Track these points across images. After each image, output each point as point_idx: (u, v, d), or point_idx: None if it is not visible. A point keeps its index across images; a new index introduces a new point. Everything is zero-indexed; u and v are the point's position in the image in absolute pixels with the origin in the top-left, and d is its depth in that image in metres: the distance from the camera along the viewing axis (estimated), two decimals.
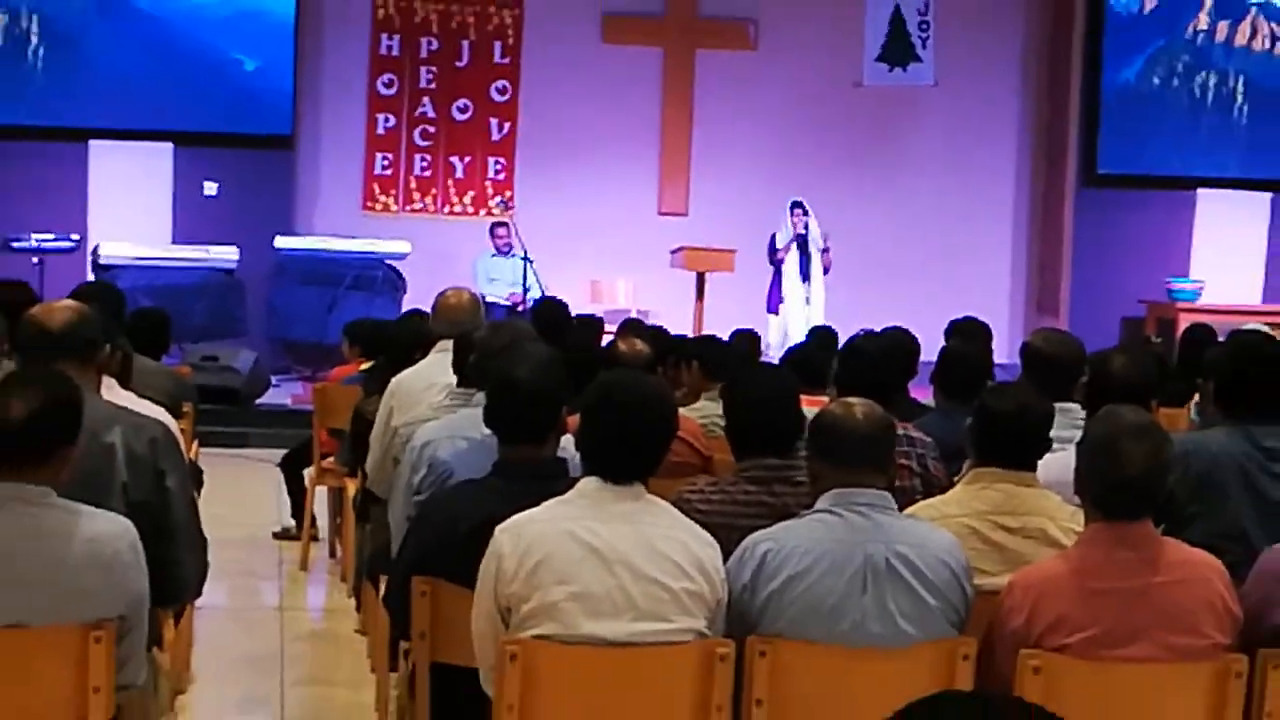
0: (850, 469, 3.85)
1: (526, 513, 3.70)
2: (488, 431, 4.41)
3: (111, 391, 4.87)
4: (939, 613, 3.78)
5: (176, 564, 4.22)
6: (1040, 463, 4.34)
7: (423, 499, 4.73)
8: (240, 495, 10.20)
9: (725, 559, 3.80)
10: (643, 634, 3.63)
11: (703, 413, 6.42)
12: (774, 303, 14.72)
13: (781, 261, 14.75)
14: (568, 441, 4.23)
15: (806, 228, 14.73)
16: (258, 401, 13.23)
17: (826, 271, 14.75)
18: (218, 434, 11.24)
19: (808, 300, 14.64)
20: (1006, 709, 1.36)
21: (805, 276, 14.72)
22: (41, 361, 4.14)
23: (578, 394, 4.13)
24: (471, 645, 3.84)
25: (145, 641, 3.90)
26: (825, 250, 14.68)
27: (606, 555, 3.61)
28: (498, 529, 3.70)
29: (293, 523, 9.36)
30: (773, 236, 14.80)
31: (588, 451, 3.75)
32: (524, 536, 3.64)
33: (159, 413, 4.79)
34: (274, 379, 13.82)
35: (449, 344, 6.04)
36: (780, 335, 14.17)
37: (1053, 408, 4.48)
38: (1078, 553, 3.79)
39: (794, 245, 14.72)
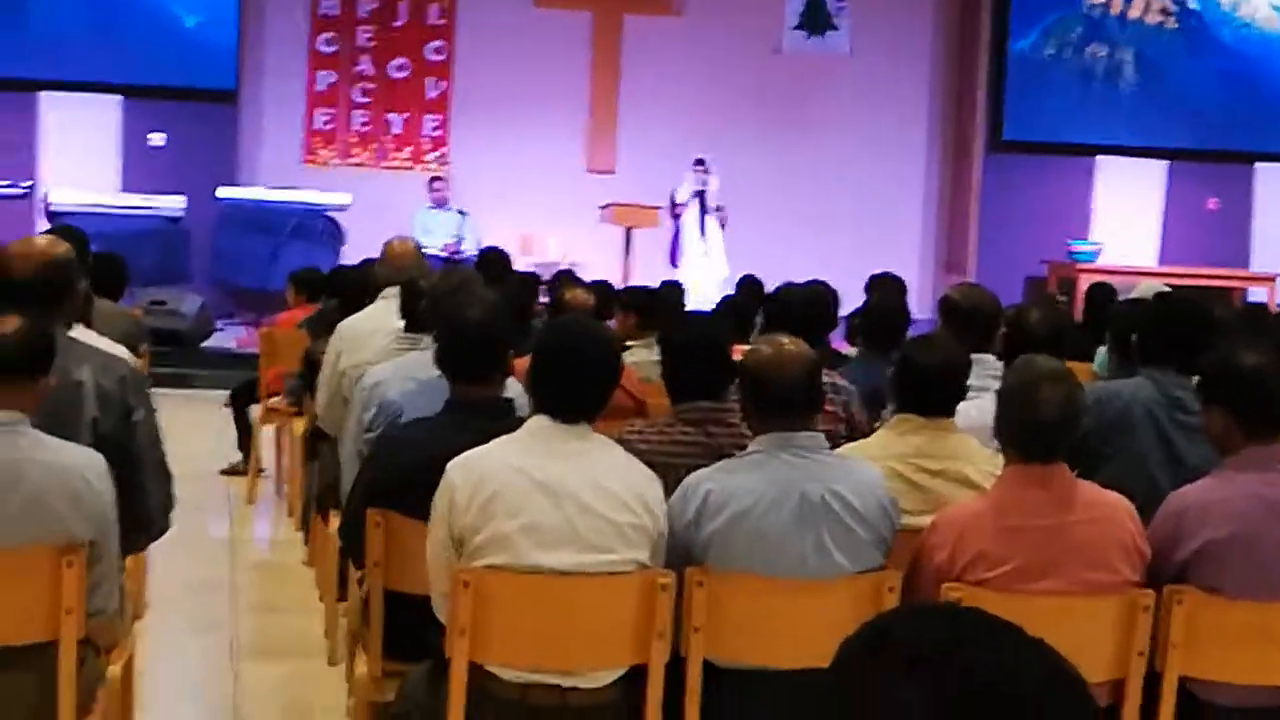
0: (781, 411, 3.98)
1: (478, 449, 3.82)
2: (435, 374, 4.63)
3: (77, 331, 4.73)
4: (869, 545, 3.93)
5: (144, 494, 4.24)
6: (958, 409, 4.48)
7: (374, 436, 4.89)
8: (187, 434, 10.49)
9: (665, 496, 3.92)
10: (588, 564, 3.76)
11: (636, 359, 6.52)
12: (674, 257, 15.14)
13: (680, 216, 15.18)
14: (512, 383, 4.44)
15: (706, 184, 15.11)
16: (203, 345, 13.73)
17: (723, 226, 15.14)
18: (165, 375, 11.63)
19: (706, 254, 15.03)
20: (974, 616, 1.35)
21: (703, 231, 15.11)
22: (17, 300, 4.08)
23: (518, 339, 4.36)
24: (422, 574, 3.96)
25: (115, 570, 3.95)
26: (718, 209, 15.10)
27: (555, 489, 3.74)
28: (450, 464, 3.81)
29: (240, 457, 9.66)
30: (673, 192, 15.21)
31: (538, 391, 3.87)
32: (476, 471, 3.76)
33: (123, 352, 4.91)
34: (218, 323, 14.33)
35: (395, 290, 6.24)
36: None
37: (970, 358, 4.64)
38: (996, 493, 3.95)
39: (694, 201, 15.15)
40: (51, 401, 3.90)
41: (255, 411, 9.60)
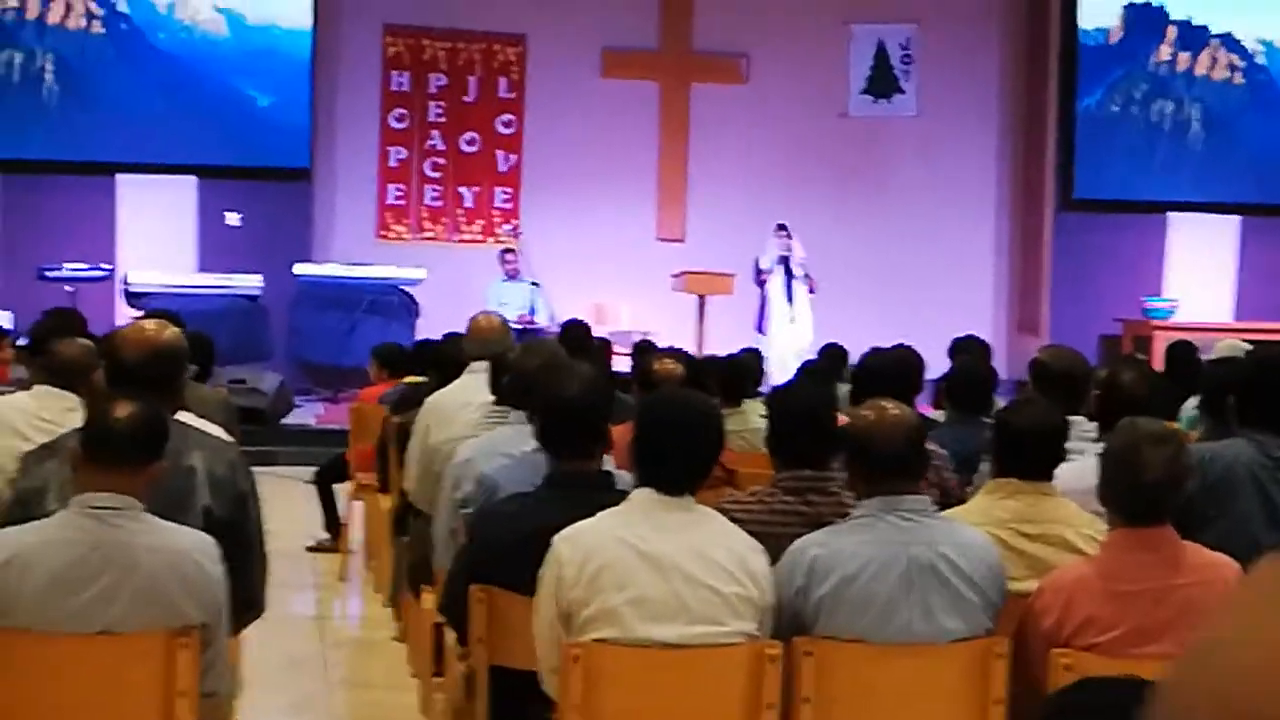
0: (887, 475, 3.99)
1: (584, 522, 3.84)
2: (527, 448, 4.73)
3: (184, 415, 4.75)
4: (977, 608, 3.92)
5: (251, 576, 4.28)
6: (1056, 473, 4.48)
7: (472, 512, 4.92)
8: (272, 511, 10.69)
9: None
10: (697, 636, 3.77)
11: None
12: (761, 323, 15.21)
13: (765, 283, 15.28)
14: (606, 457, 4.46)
15: (790, 249, 15.21)
16: (282, 421, 13.87)
17: (812, 292, 15.22)
18: (246, 453, 11.83)
19: (793, 320, 15.10)
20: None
21: (790, 297, 15.18)
22: (127, 384, 4.13)
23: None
24: (526, 649, 3.96)
25: (226, 652, 3.98)
26: (806, 276, 15.17)
27: (661, 562, 3.77)
28: (557, 538, 3.83)
29: (326, 536, 9.66)
30: (757, 259, 15.30)
31: (642, 464, 3.90)
32: (583, 545, 3.79)
33: (221, 434, 4.93)
34: (296, 400, 14.53)
35: (482, 364, 6.28)
36: (769, 354, 14.74)
37: (1066, 421, 4.65)
38: (1103, 556, 3.94)
39: (778, 267, 15.26)
40: (164, 488, 3.94)
41: (340, 488, 9.63)
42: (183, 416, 4.56)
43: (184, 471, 4.15)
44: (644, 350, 8.41)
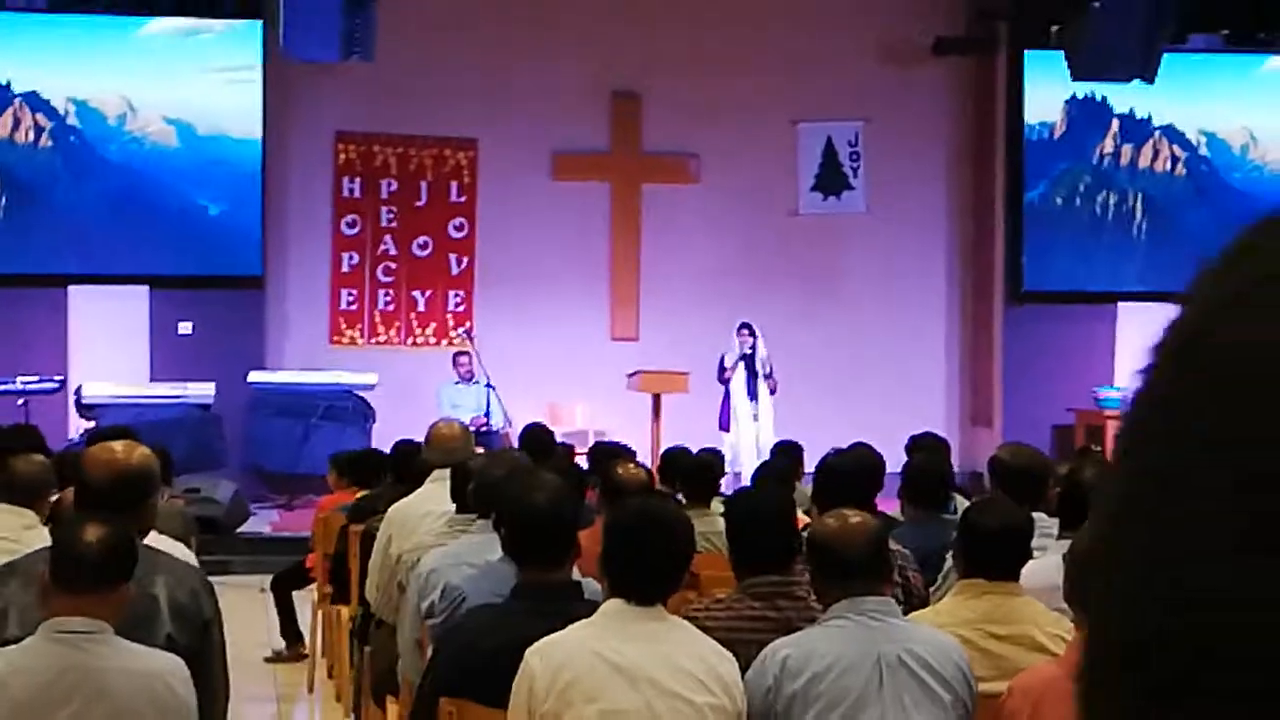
0: (851, 579, 4.03)
1: (555, 635, 3.85)
2: (493, 557, 4.77)
3: (149, 538, 4.65)
4: (949, 706, 3.95)
5: (213, 703, 4.19)
6: (1023, 571, 4.54)
7: (439, 623, 4.96)
8: (229, 620, 10.62)
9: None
10: None
11: None
12: (725, 421, 15.22)
13: (729, 380, 15.30)
14: None
15: (754, 348, 15.27)
16: (238, 530, 13.83)
17: (773, 393, 15.29)
18: (202, 563, 11.78)
19: (755, 418, 15.14)
20: None
21: (753, 395, 15.20)
22: (94, 507, 4.13)
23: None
24: None
25: None
26: (769, 375, 15.24)
27: (632, 673, 3.77)
28: (528, 651, 3.83)
29: (283, 645, 9.63)
30: (721, 357, 15.32)
31: (613, 574, 3.93)
32: (554, 658, 3.78)
33: (183, 552, 4.95)
34: (251, 507, 14.43)
35: (444, 473, 6.31)
36: (732, 452, 14.77)
37: (1031, 520, 4.71)
38: (1072, 657, 3.88)
39: (741, 365, 15.29)
40: (128, 615, 3.90)
41: (311, 597, 9.61)
42: (152, 539, 4.51)
43: (147, 599, 4.10)
44: (605, 454, 8.41)
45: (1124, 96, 17.13)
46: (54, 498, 6.14)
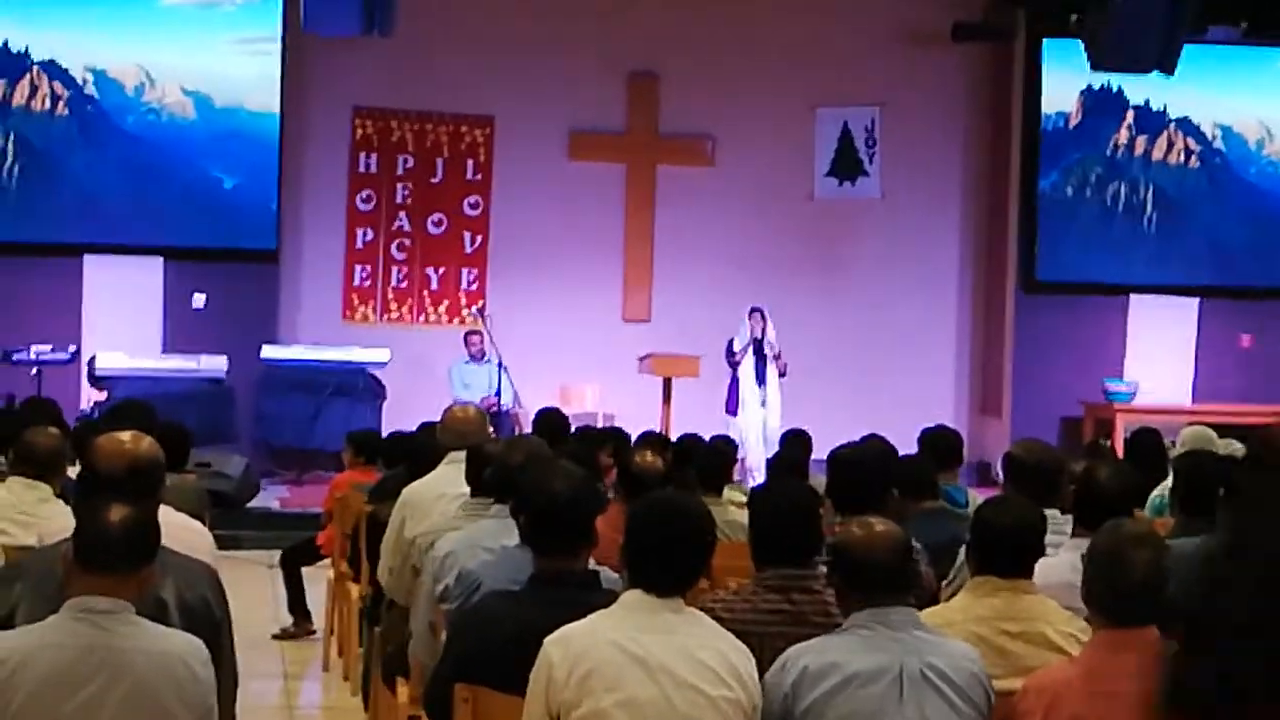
0: (876, 589, 4.04)
1: (574, 624, 3.90)
2: (509, 542, 4.81)
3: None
4: (969, 718, 3.95)
5: (222, 699, 4.17)
6: (1036, 568, 4.57)
7: (455, 609, 4.99)
8: (236, 596, 10.64)
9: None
10: None
11: None
12: (732, 405, 15.20)
13: (738, 365, 15.24)
14: None
15: (764, 333, 15.23)
16: (248, 505, 13.80)
17: (782, 375, 15.26)
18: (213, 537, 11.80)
19: (763, 403, 15.11)
20: None
21: (761, 380, 15.17)
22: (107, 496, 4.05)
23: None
24: None
25: None
26: (777, 357, 15.26)
27: (650, 664, 3.81)
28: (547, 640, 3.87)
29: (291, 621, 9.63)
30: (730, 341, 15.32)
31: (634, 566, 3.98)
32: (573, 647, 3.83)
33: (197, 529, 5.12)
34: (261, 482, 14.45)
35: (459, 455, 6.31)
36: (738, 436, 14.78)
37: (1044, 518, 4.71)
38: (1086, 656, 3.97)
39: (750, 349, 15.29)
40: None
41: (308, 571, 9.63)
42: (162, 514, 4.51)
43: (156, 603, 4.11)
44: (622, 441, 8.40)
45: (1139, 87, 17.09)
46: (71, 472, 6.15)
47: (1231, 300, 17.44)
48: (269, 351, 15.47)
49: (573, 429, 9.35)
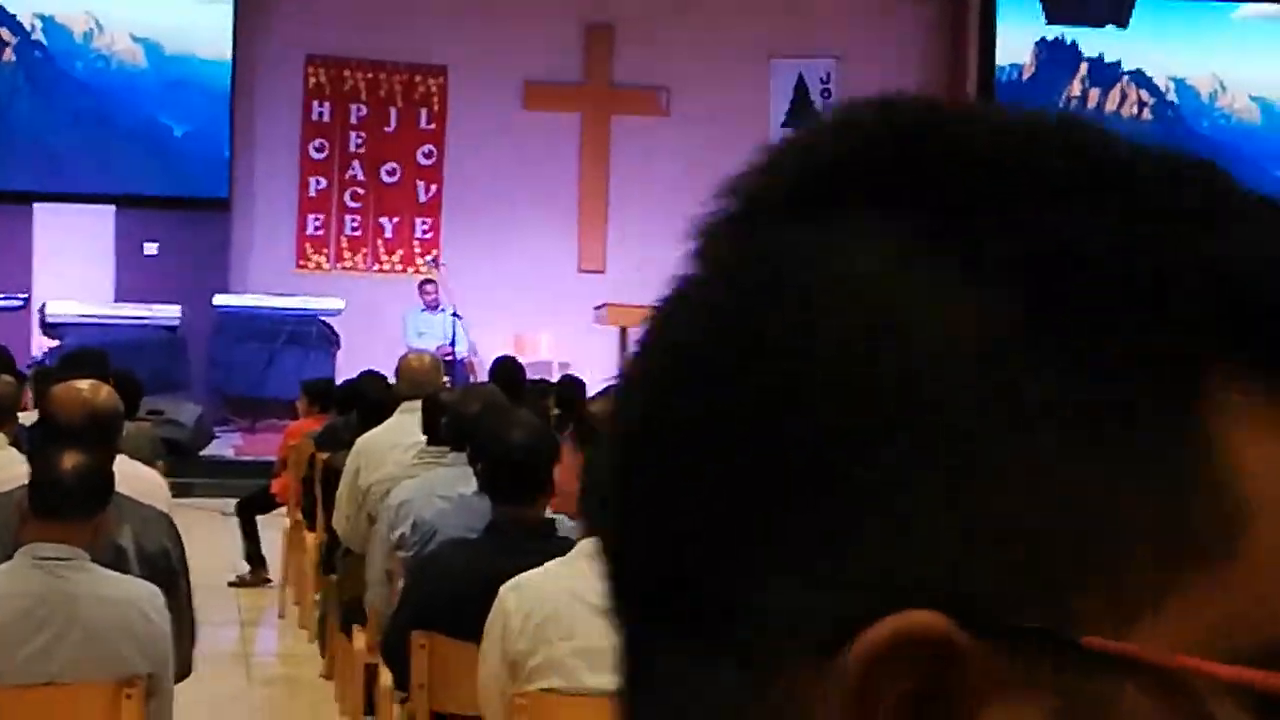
0: None
1: (530, 572, 3.86)
2: (465, 490, 4.82)
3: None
4: None
5: (180, 647, 4.24)
6: None
7: (411, 556, 4.99)
8: (191, 543, 10.61)
9: None
10: None
11: None
12: None
13: None
14: None
15: None
16: (201, 453, 13.82)
17: None
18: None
19: None
20: None
21: None
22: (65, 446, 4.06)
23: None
24: (467, 695, 4.00)
25: (171, 702, 3.98)
26: None
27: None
28: (503, 588, 3.85)
29: (248, 569, 9.65)
30: None
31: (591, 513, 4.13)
32: (529, 595, 3.81)
33: (152, 476, 5.11)
34: (215, 430, 14.44)
35: (414, 404, 6.35)
36: None
37: None
38: None
39: None
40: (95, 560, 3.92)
41: (263, 519, 9.64)
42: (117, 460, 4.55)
43: (114, 549, 4.12)
44: (575, 390, 8.42)
45: (1094, 40, 17.17)
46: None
47: None
48: (222, 299, 15.45)
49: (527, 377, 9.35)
